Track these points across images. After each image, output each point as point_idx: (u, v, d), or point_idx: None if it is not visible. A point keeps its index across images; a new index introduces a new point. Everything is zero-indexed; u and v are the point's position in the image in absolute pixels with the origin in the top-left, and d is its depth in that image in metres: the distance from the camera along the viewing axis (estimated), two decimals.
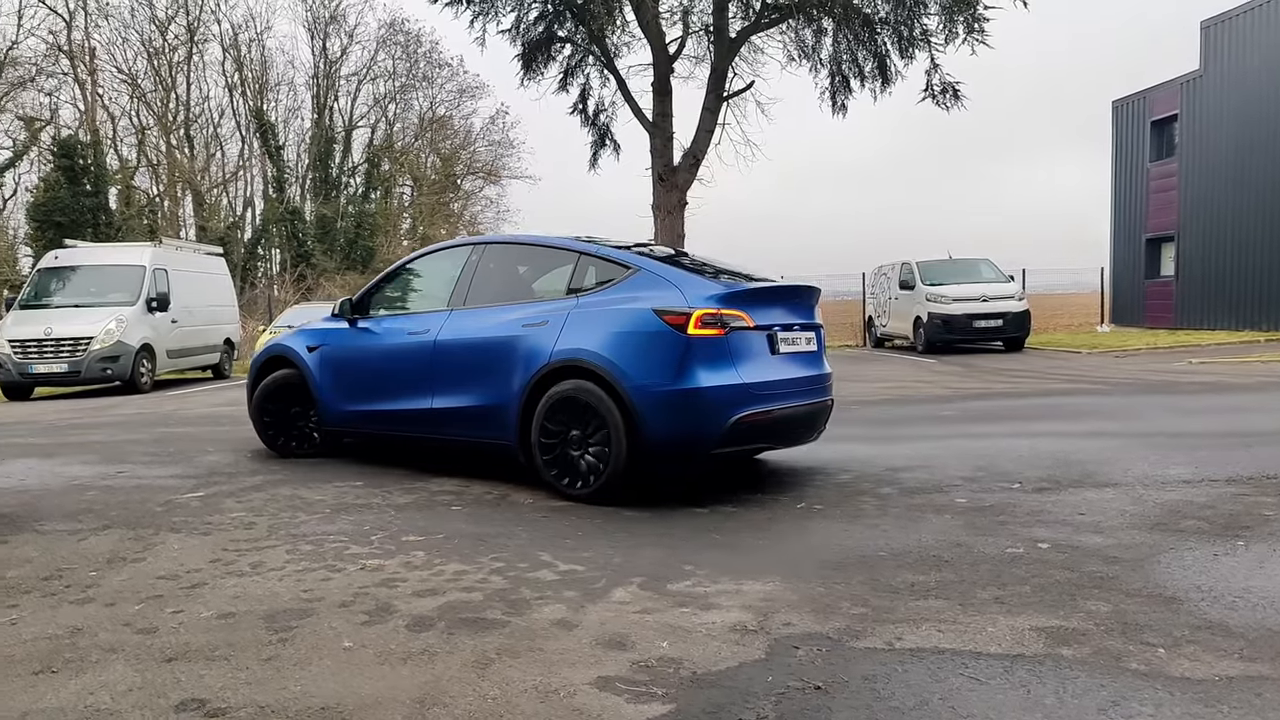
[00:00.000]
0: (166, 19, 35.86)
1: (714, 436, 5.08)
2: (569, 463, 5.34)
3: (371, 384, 6.51)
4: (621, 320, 5.24)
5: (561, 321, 5.45)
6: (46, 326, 14.52)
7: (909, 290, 19.63)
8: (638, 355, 5.11)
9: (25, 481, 6.20)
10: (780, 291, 5.70)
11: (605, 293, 5.49)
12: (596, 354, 5.20)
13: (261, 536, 4.54)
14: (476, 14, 20.52)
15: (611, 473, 5.14)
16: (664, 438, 5.06)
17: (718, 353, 5.07)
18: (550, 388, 5.38)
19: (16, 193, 34.07)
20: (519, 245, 6.52)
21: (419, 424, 6.23)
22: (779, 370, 5.37)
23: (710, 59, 21.05)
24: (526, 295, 6.03)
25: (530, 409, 5.46)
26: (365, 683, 2.76)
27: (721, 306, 5.12)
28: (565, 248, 5.95)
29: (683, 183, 20.53)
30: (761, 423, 5.21)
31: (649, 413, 5.02)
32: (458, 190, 43.17)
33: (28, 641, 3.15)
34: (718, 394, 5.02)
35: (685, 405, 5.02)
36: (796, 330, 5.60)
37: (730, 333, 5.12)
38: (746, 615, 3.26)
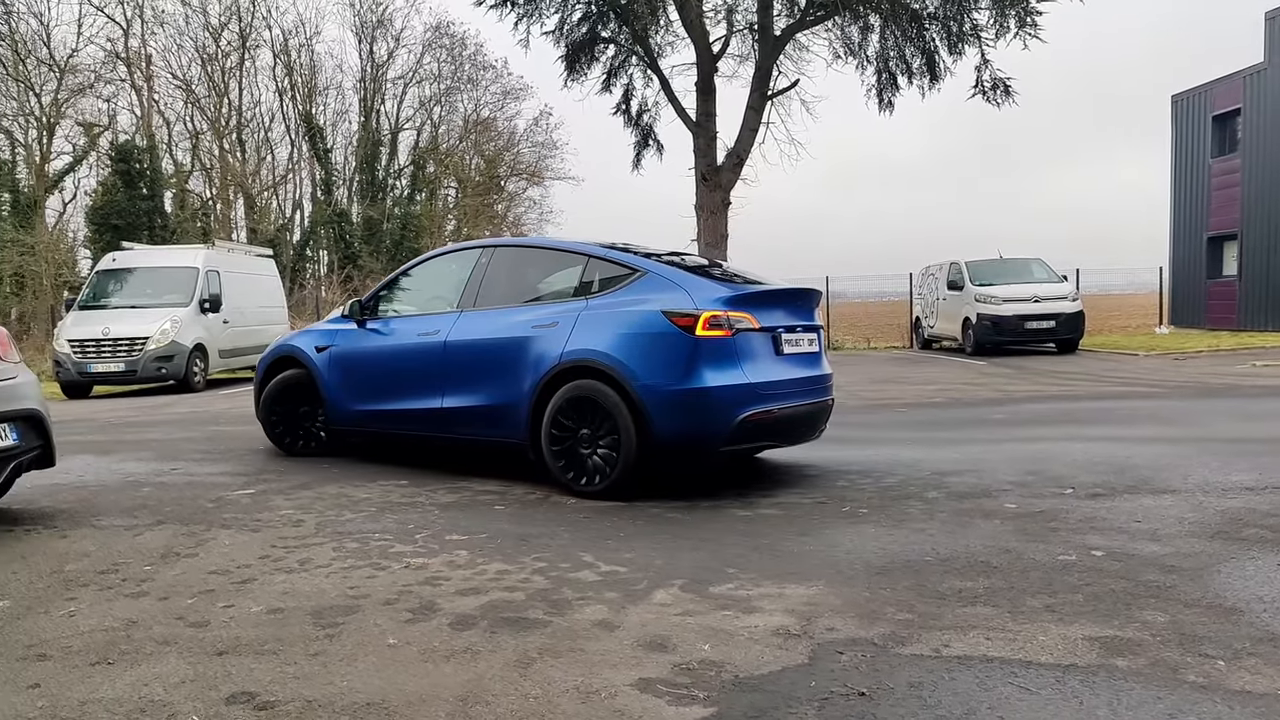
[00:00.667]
0: (219, 26, 36.72)
1: (721, 435, 5.22)
2: (579, 460, 5.45)
3: (381, 384, 6.61)
4: (631, 322, 5.37)
5: (571, 323, 5.58)
6: (104, 327, 14.93)
7: (957, 291, 19.26)
8: (647, 356, 5.24)
9: (84, 478, 6.38)
10: (783, 294, 5.81)
11: (614, 295, 5.62)
12: (606, 354, 5.33)
13: (309, 534, 4.61)
14: (521, 16, 20.66)
15: (621, 470, 5.26)
16: (673, 436, 5.19)
17: (725, 353, 5.21)
18: (561, 387, 5.49)
19: (76, 196, 35.17)
20: (528, 248, 6.70)
21: (429, 423, 6.33)
22: (783, 370, 5.51)
23: (754, 57, 20.93)
24: (536, 297, 6.13)
25: (541, 408, 5.57)
26: (409, 680, 2.78)
27: (728, 309, 5.27)
28: (573, 250, 6.10)
29: (726, 182, 20.45)
30: (766, 422, 5.34)
31: (658, 412, 5.15)
32: (501, 192, 43.51)
33: (85, 633, 3.24)
34: (725, 393, 5.15)
35: (693, 404, 5.15)
36: (799, 332, 5.74)
37: (736, 334, 5.26)
38: (789, 619, 3.23)
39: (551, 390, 5.53)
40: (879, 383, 12.91)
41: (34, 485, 5.92)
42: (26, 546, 4.49)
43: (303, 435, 7.24)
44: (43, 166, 33.48)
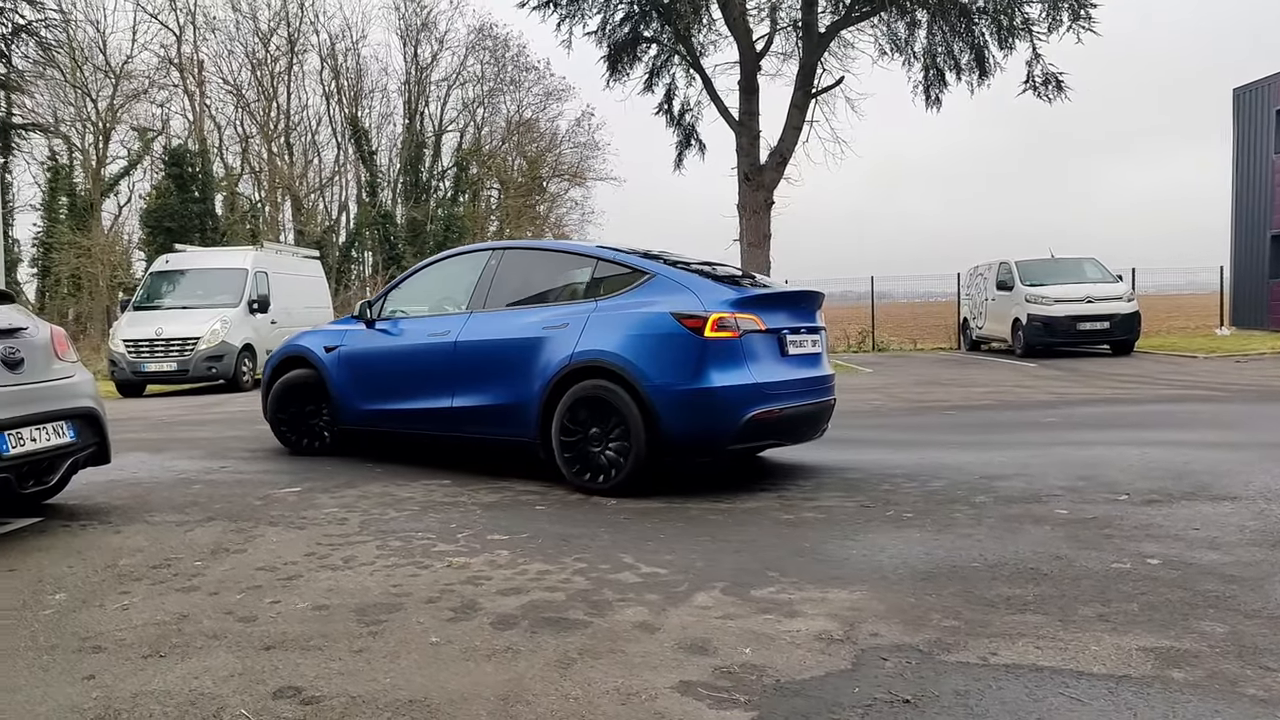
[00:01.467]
0: (269, 31, 37.47)
1: (729, 433, 5.36)
2: (588, 458, 5.57)
3: (390, 383, 6.69)
4: (640, 323, 5.49)
5: (582, 324, 5.69)
6: (157, 327, 15.30)
7: (1007, 291, 18.83)
8: (656, 356, 5.37)
9: (137, 474, 6.54)
10: (787, 296, 5.96)
11: (623, 296, 5.74)
12: (616, 355, 5.45)
13: (353, 532, 4.67)
14: (563, 17, 20.75)
15: (631, 468, 5.39)
16: (681, 434, 5.33)
17: (732, 354, 5.35)
18: (571, 387, 5.60)
19: (131, 200, 36.14)
20: (537, 250, 6.87)
21: (438, 422, 6.43)
22: (787, 371, 5.65)
23: (798, 55, 20.77)
24: (545, 299, 6.22)
25: (551, 407, 5.68)
26: (451, 678, 2.80)
27: (736, 310, 5.41)
28: (582, 253, 6.31)
29: (769, 182, 20.32)
30: (772, 420, 5.47)
31: (667, 411, 5.28)
32: (543, 192, 43.75)
33: (138, 626, 3.31)
34: (732, 393, 5.29)
35: (702, 404, 5.29)
36: (804, 333, 5.86)
37: (743, 335, 5.40)
38: (832, 624, 3.19)
39: (562, 390, 5.64)
40: (925, 384, 12.72)
41: (90, 481, 6.08)
42: (82, 541, 4.61)
43: (309, 434, 7.32)
44: (99, 171, 34.46)
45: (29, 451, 4.64)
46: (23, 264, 32.18)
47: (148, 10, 35.63)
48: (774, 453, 6.93)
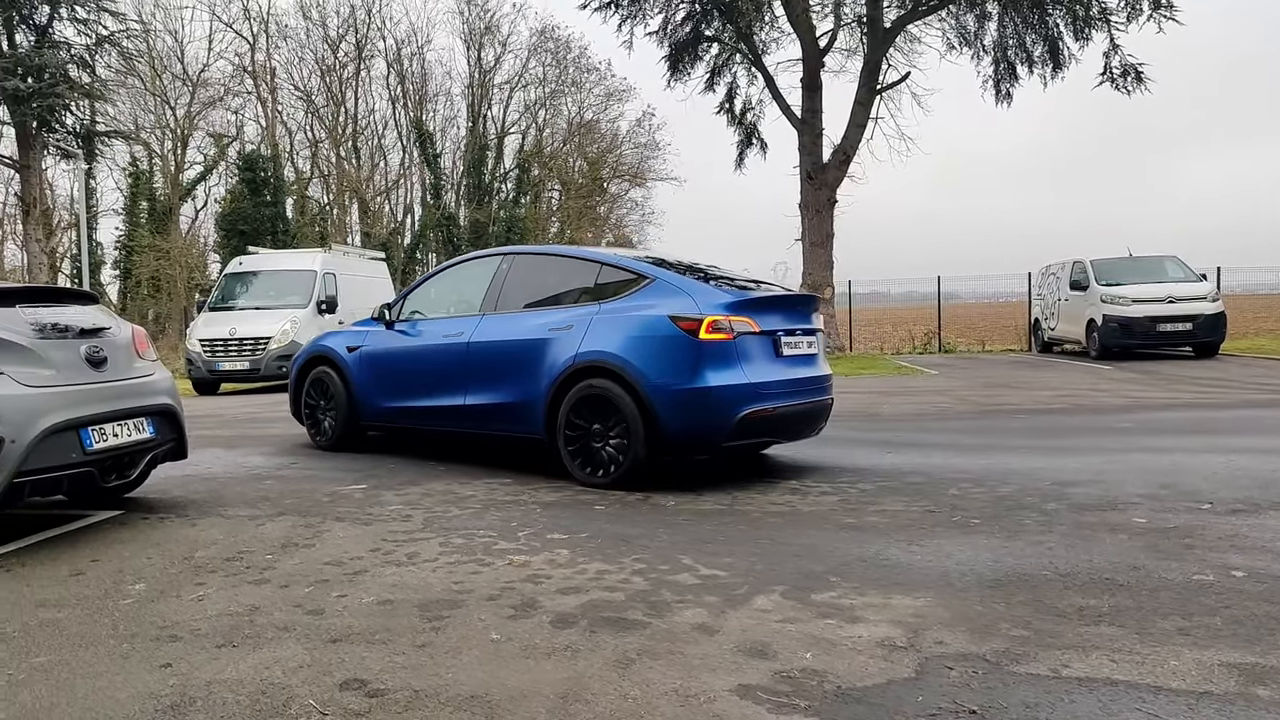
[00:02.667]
0: (338, 38, 38.44)
1: (723, 431, 5.58)
2: (591, 453, 5.84)
3: (407, 382, 7.01)
4: (640, 325, 5.73)
5: (585, 326, 5.94)
6: (231, 327, 15.77)
7: (1081, 291, 18.14)
8: (654, 357, 5.60)
9: (212, 470, 6.76)
10: (782, 300, 6.14)
11: (624, 300, 5.99)
12: (617, 355, 5.69)
13: (417, 529, 4.75)
14: (625, 17, 20.83)
15: (630, 463, 5.65)
16: (678, 432, 5.56)
17: (726, 355, 5.56)
18: (575, 386, 5.86)
19: (207, 204, 37.49)
20: (546, 255, 7.09)
21: (452, 418, 6.73)
22: (782, 371, 5.84)
23: (863, 51, 20.49)
24: (553, 302, 6.46)
25: (556, 405, 5.95)
26: (511, 675, 2.82)
27: (730, 313, 5.62)
28: (587, 258, 6.57)
29: (832, 180, 20.08)
30: (766, 419, 5.68)
31: (664, 409, 5.51)
32: (604, 193, 43.95)
33: (213, 617, 3.42)
34: (726, 392, 5.50)
35: (697, 403, 5.51)
36: (799, 335, 6.04)
37: (738, 337, 5.61)
38: (895, 631, 3.13)
39: (566, 388, 5.89)
40: (993, 387, 12.40)
41: (168, 476, 6.30)
42: (161, 534, 4.78)
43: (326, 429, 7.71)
44: (177, 176, 35.79)
45: (111, 446, 4.83)
46: (106, 266, 33.58)
47: (223, 20, 36.97)
48: (835, 456, 6.85)
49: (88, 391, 4.75)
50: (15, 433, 4.27)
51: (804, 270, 20.53)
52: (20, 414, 4.32)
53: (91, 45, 24.33)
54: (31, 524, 5.00)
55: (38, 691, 2.78)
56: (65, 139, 24.69)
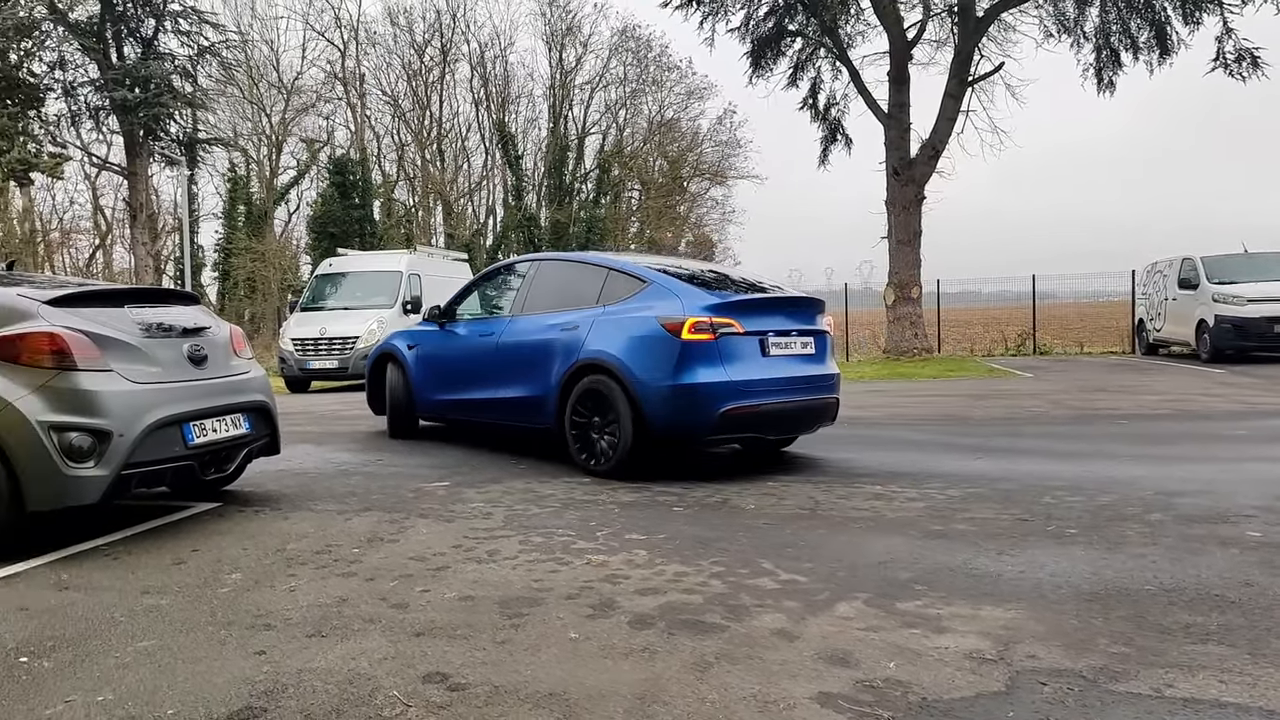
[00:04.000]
0: (424, 42, 39.36)
1: (706, 426, 5.93)
2: (591, 444, 6.31)
3: (451, 377, 7.73)
4: (633, 326, 6.15)
5: (589, 327, 6.41)
6: (321, 327, 16.30)
7: (1190, 290, 17.12)
8: (643, 356, 6.00)
9: (303, 465, 7.00)
10: (772, 302, 6.43)
11: (625, 303, 6.41)
12: (612, 354, 6.13)
13: (497, 526, 4.82)
14: (706, 14, 20.72)
15: (621, 453, 6.08)
16: (663, 425, 5.95)
17: (708, 354, 5.88)
18: (579, 382, 6.34)
19: (299, 207, 38.89)
20: (566, 261, 7.62)
21: (487, 410, 7.41)
22: (768, 370, 6.08)
23: (953, 42, 19.91)
24: (567, 304, 6.90)
25: (564, 399, 6.45)
26: (589, 674, 2.83)
27: (713, 315, 5.93)
28: (598, 264, 6.97)
29: (920, 176, 19.59)
30: (750, 415, 5.98)
31: (650, 404, 5.91)
32: (684, 193, 43.91)
33: (303, 607, 3.53)
34: (708, 389, 5.83)
35: (680, 398, 5.86)
36: (793, 335, 6.30)
37: (720, 337, 5.90)
38: (985, 643, 3.02)
39: (572, 384, 6.39)
40: (1092, 391, 11.88)
41: (262, 471, 6.55)
42: (255, 526, 4.96)
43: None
44: (272, 180, 37.27)
45: (210, 441, 5.04)
46: (206, 268, 35.14)
47: (315, 28, 38.32)
48: (922, 461, 6.68)
49: (189, 388, 4.97)
50: (124, 427, 4.49)
51: (890, 269, 20.08)
52: (128, 409, 4.54)
53: (194, 56, 25.53)
54: (138, 514, 5.26)
55: (142, 674, 2.91)
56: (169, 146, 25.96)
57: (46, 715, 2.63)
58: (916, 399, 11.52)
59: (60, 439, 4.30)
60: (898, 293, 19.86)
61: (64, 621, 3.43)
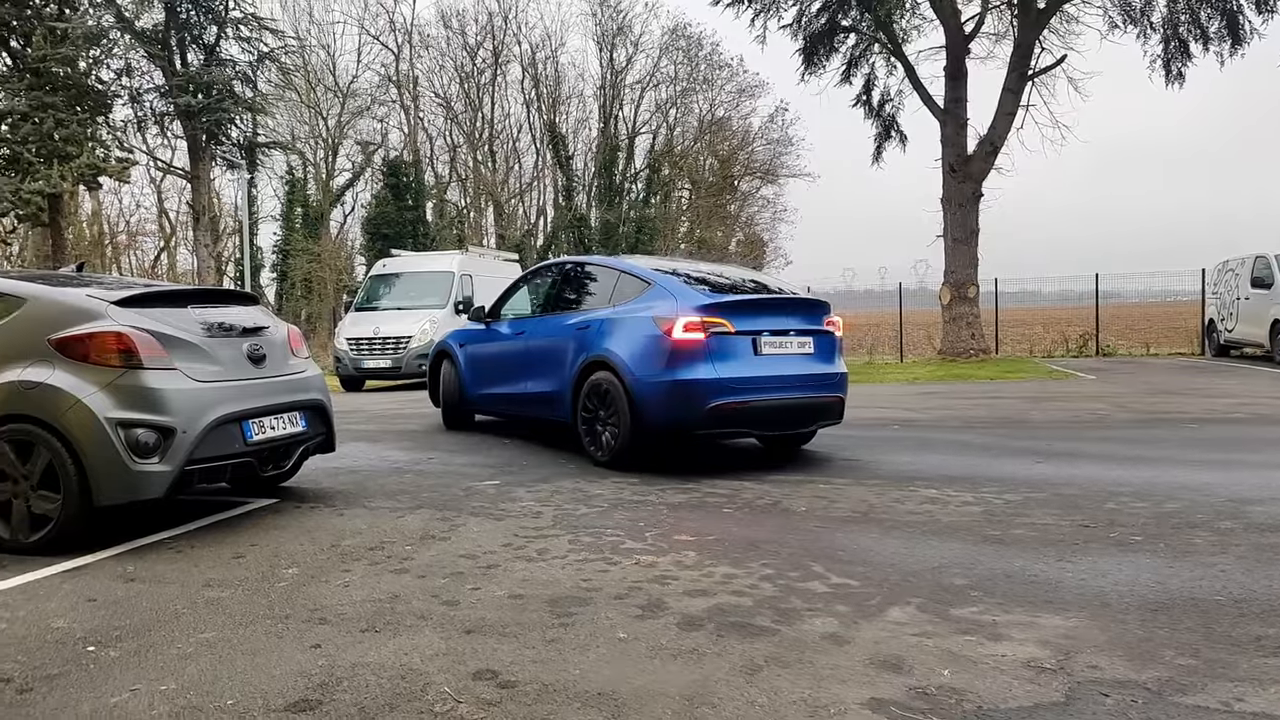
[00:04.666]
0: (476, 44, 39.83)
1: (695, 420, 6.20)
2: (596, 435, 6.70)
3: (493, 373, 8.32)
4: (632, 325, 6.49)
5: (599, 326, 6.80)
6: (375, 327, 16.55)
7: (1264, 289, 16.39)
8: (639, 353, 6.34)
9: (357, 463, 7.12)
10: (773, 303, 6.71)
11: (630, 303, 6.76)
12: (614, 352, 6.49)
13: (547, 526, 4.84)
14: (758, 11, 20.57)
15: (620, 444, 6.46)
16: (656, 419, 6.28)
17: (698, 352, 6.15)
18: (588, 378, 6.72)
19: (354, 209, 39.60)
20: (587, 264, 8.04)
21: (518, 404, 7.98)
22: (759, 368, 6.29)
23: (1013, 34, 19.44)
24: (584, 305, 7.40)
25: (577, 394, 6.86)
26: (637, 674, 2.83)
27: (704, 315, 6.20)
28: (611, 267, 7.42)
29: (977, 173, 19.18)
30: (740, 411, 6.21)
31: (644, 398, 6.26)
32: (734, 192, 43.72)
33: (357, 603, 3.59)
34: (696, 385, 6.10)
35: (670, 393, 6.17)
36: (791, 336, 6.50)
37: (710, 336, 6.16)
38: (1043, 651, 2.94)
39: (583, 380, 6.78)
40: (1159, 394, 11.51)
41: (317, 468, 6.68)
42: (311, 522, 5.06)
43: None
44: (328, 183, 38.02)
45: (268, 438, 5.15)
46: (264, 269, 35.98)
47: (370, 32, 38.99)
48: (978, 464, 6.55)
49: (249, 386, 5.08)
50: (187, 424, 4.61)
51: (946, 268, 19.70)
52: (191, 407, 4.67)
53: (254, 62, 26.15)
54: (199, 509, 5.40)
55: (203, 665, 2.99)
56: (230, 150, 26.63)
57: (112, 703, 2.71)
58: (972, 401, 11.30)
59: (127, 435, 4.43)
60: (954, 292, 19.48)
61: (129, 612, 3.54)
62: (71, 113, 20.80)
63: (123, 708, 2.68)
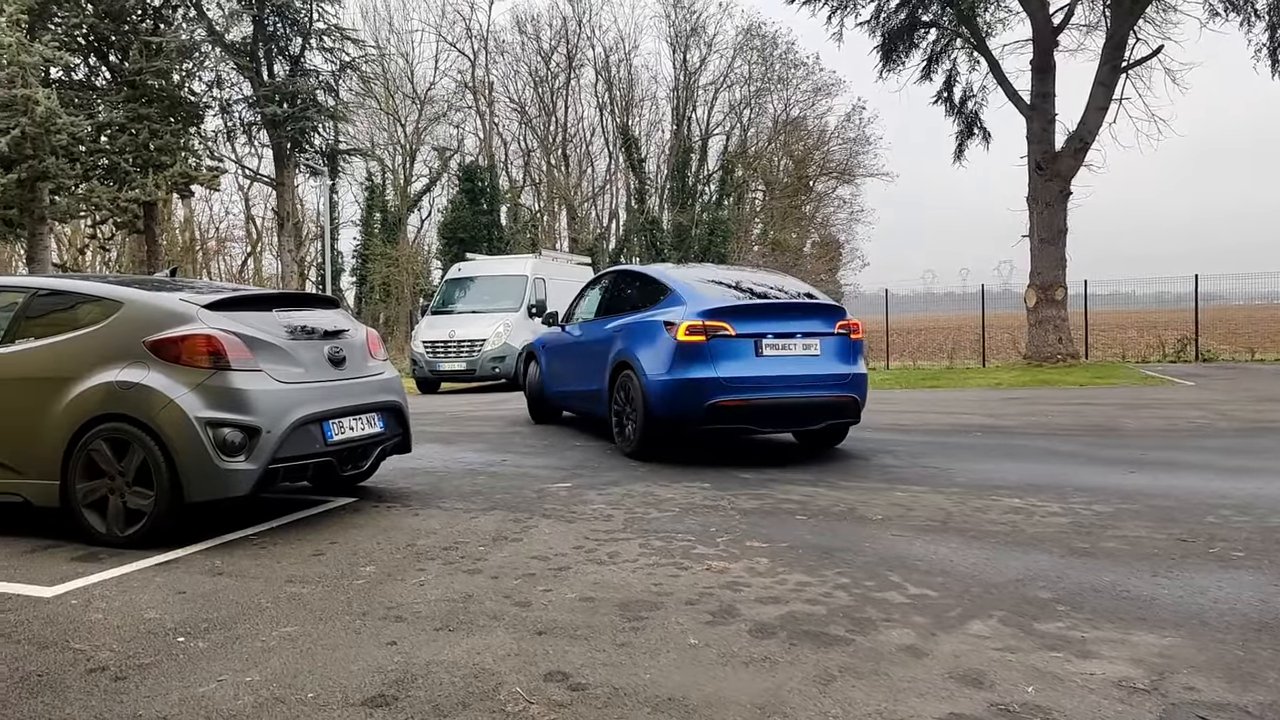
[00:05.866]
0: (550, 49, 40.24)
1: (695, 415, 6.69)
2: (623, 428, 7.38)
3: (561, 371, 9.21)
4: (648, 329, 7.10)
5: (626, 330, 7.45)
6: (450, 330, 16.85)
7: None
8: (651, 354, 6.93)
9: (433, 464, 7.25)
10: (778, 308, 7.10)
11: (652, 309, 7.34)
12: (634, 353, 7.12)
13: (618, 529, 4.84)
14: (835, 8, 20.26)
15: (638, 435, 7.08)
16: (663, 414, 6.84)
17: (698, 353, 6.65)
18: (618, 376, 7.36)
19: (430, 214, 40.42)
20: (628, 272, 8.85)
21: (576, 399, 8.81)
22: (760, 369, 6.68)
23: (1105, 25, 18.68)
24: (622, 310, 7.98)
25: (611, 390, 7.53)
26: (708, 681, 2.80)
27: (706, 319, 6.70)
28: (644, 274, 8.15)
29: (1066, 170, 18.49)
30: (737, 408, 6.64)
31: (652, 395, 6.85)
32: (809, 192, 43.18)
33: (432, 601, 3.64)
34: (696, 384, 6.61)
35: (673, 391, 6.71)
36: (797, 338, 6.83)
37: (711, 339, 6.64)
38: (1136, 670, 2.81)
39: (615, 377, 7.44)
40: (1264, 401, 10.89)
41: (394, 468, 6.83)
42: (388, 521, 5.17)
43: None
44: (405, 188, 38.93)
45: (347, 439, 5.28)
46: (344, 273, 36.99)
47: (447, 39, 39.77)
48: (1065, 473, 6.31)
49: (329, 388, 5.22)
50: (271, 424, 4.76)
51: (1031, 269, 19.02)
52: (275, 407, 4.82)
53: (336, 71, 26.99)
54: (282, 507, 5.57)
55: (285, 658, 3.07)
56: (313, 157, 27.52)
57: (200, 693, 2.80)
58: (1059, 407, 10.89)
59: (215, 434, 4.60)
60: (1040, 294, 18.81)
61: (216, 606, 3.66)
62: (166, 123, 21.78)
63: (210, 697, 2.77)
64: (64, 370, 4.80)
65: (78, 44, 21.77)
